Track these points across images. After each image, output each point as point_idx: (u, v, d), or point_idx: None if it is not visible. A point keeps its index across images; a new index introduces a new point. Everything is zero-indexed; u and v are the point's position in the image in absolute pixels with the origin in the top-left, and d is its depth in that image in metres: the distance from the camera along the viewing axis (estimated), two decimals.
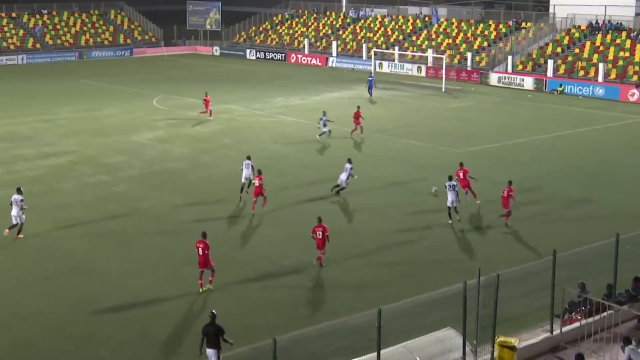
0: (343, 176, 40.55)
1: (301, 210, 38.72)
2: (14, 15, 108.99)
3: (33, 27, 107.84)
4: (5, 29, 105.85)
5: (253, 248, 32.39)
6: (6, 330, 26.07)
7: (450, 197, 36.45)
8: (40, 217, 37.27)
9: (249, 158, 40.87)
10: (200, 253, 28.61)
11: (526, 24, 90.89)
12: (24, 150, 51.10)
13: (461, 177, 38.60)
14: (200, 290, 28.74)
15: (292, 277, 30.50)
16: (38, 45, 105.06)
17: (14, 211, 34.55)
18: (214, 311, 22.58)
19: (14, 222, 34.59)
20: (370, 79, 73.57)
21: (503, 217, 36.55)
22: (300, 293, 29.09)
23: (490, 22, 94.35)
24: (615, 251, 25.06)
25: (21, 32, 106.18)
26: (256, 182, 37.82)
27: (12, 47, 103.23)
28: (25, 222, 34.76)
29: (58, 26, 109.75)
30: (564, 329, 24.06)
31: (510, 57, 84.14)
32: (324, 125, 53.17)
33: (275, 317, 26.97)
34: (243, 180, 39.96)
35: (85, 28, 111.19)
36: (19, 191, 35.09)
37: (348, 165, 40.66)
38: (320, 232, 31.15)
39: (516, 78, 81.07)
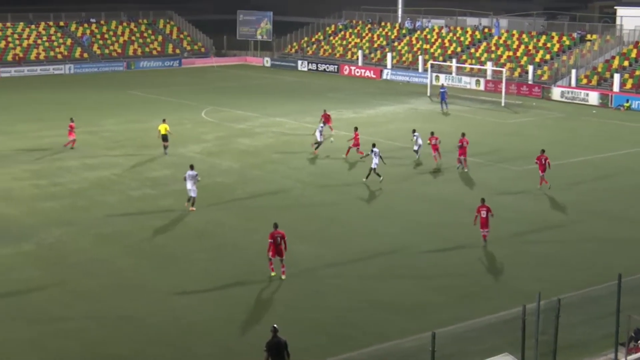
0: (375, 160, 44.59)
1: (348, 230, 37.80)
2: (62, 24, 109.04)
3: (81, 36, 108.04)
4: (53, 37, 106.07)
5: (296, 265, 31.49)
6: (47, 349, 25.65)
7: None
8: (83, 231, 37.06)
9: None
10: (279, 242, 30.51)
11: (591, 36, 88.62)
12: (68, 162, 50.65)
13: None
14: (273, 274, 30.85)
15: (339, 297, 29.66)
16: (86, 55, 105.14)
17: (189, 185, 39.09)
18: (275, 325, 22.07)
19: (191, 195, 39.21)
20: (442, 90, 72.38)
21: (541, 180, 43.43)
22: (349, 314, 28.21)
23: (553, 34, 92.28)
24: None
25: (69, 41, 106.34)
26: (434, 141, 47.91)
27: (59, 56, 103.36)
28: (72, 236, 36.09)
29: (106, 35, 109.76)
30: (629, 357, 23.20)
31: (574, 71, 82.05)
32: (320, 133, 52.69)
33: (323, 338, 26.31)
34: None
35: (133, 37, 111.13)
36: (192, 167, 39.81)
37: (376, 150, 44.82)
38: (485, 212, 33.95)
39: (580, 93, 79.10)
